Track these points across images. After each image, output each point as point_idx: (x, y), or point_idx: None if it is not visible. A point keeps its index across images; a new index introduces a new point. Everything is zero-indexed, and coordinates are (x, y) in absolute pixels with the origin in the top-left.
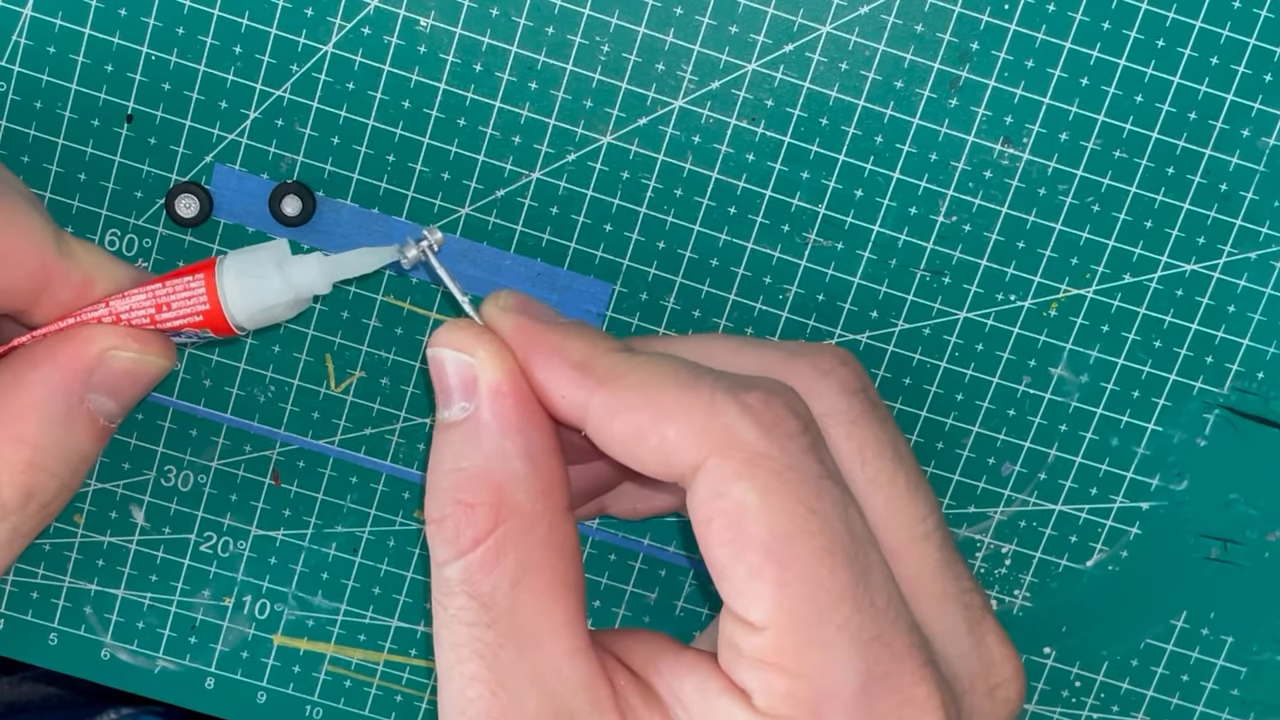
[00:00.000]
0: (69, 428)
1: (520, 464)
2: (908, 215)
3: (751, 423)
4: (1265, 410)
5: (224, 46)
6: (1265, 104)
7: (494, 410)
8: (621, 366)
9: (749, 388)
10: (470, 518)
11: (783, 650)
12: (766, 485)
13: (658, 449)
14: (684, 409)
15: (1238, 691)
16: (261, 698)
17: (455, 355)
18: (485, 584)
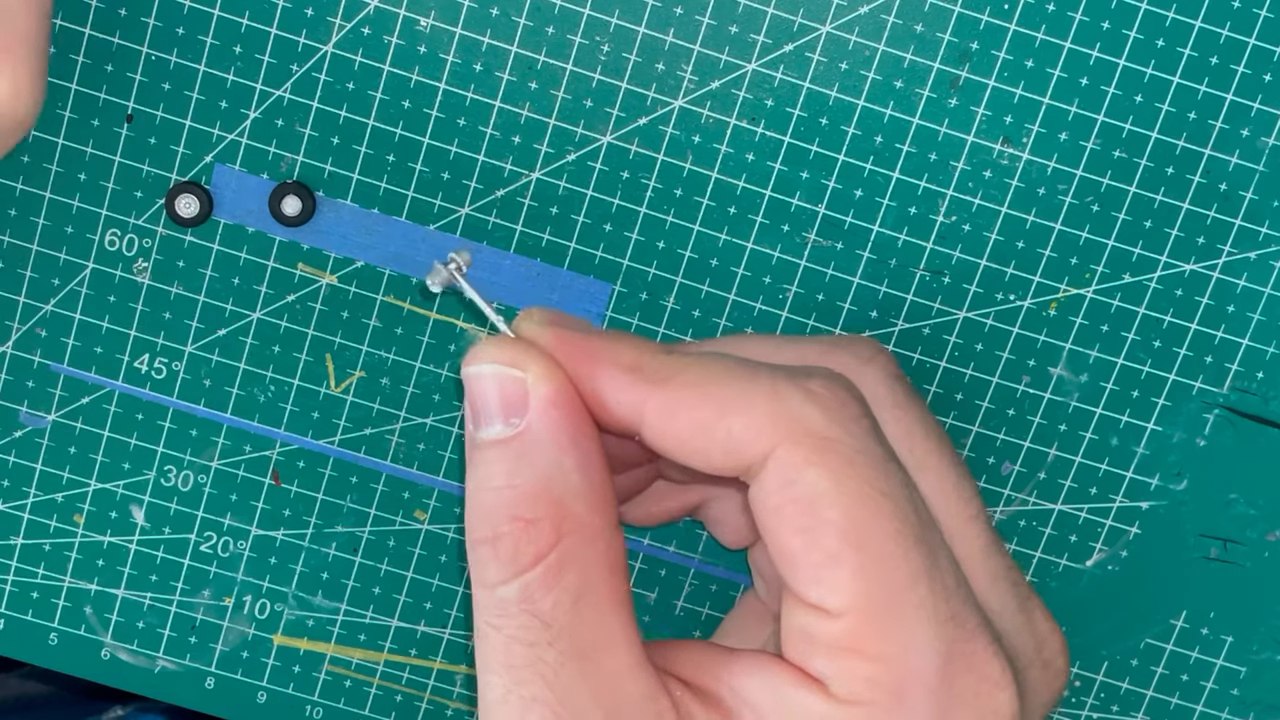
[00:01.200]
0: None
1: (578, 477)
2: (907, 215)
3: (818, 408)
4: (1265, 410)
5: (224, 46)
6: (1265, 104)
7: (548, 423)
8: (673, 365)
9: (808, 375)
10: (530, 534)
11: (862, 635)
12: (838, 470)
13: (724, 442)
14: (748, 400)
15: (1237, 691)
16: (261, 698)
17: (502, 370)
18: (546, 601)
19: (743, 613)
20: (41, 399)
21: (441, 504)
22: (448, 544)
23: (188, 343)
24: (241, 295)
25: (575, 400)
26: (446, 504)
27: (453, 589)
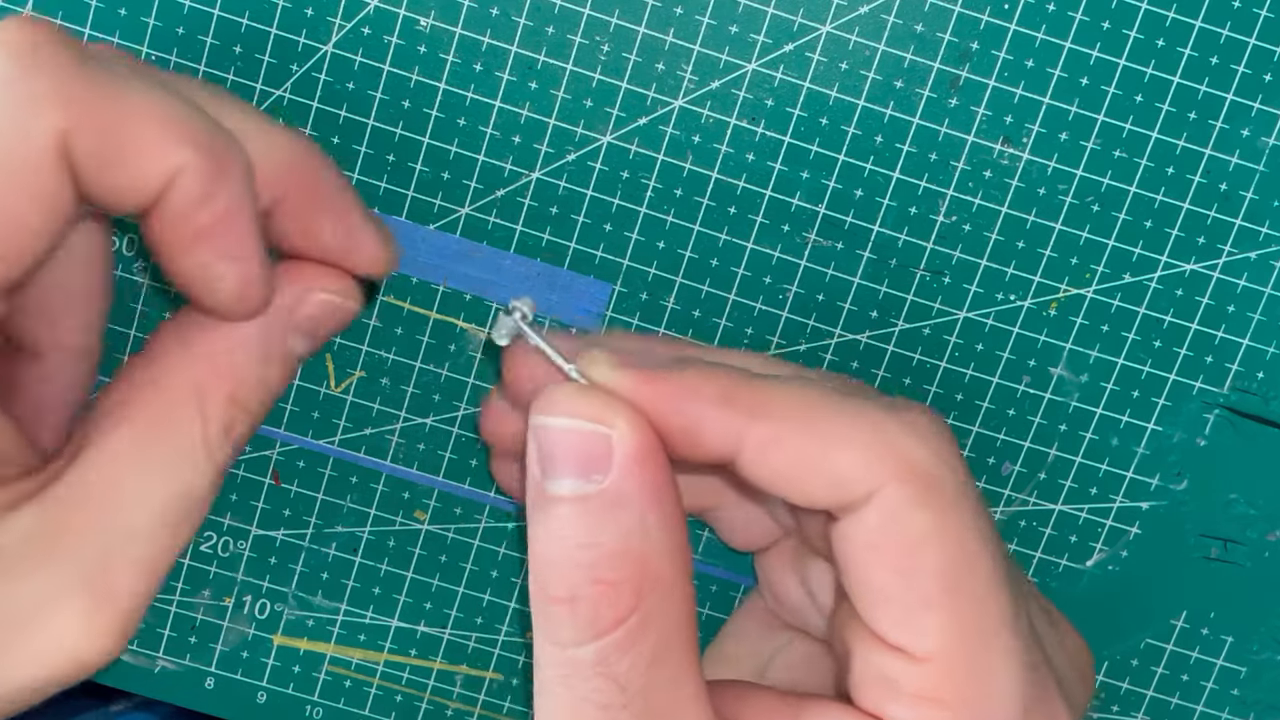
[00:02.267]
0: (267, 364)
1: (662, 535)
2: (908, 215)
3: (924, 445)
4: (1265, 410)
5: (224, 46)
6: (1265, 104)
7: (635, 482)
8: (768, 395)
9: (905, 407)
10: (612, 597)
11: (947, 683)
12: (943, 512)
13: (829, 476)
14: (853, 434)
15: (1238, 691)
16: (261, 698)
17: (584, 426)
18: (622, 664)
19: (746, 618)
20: None
21: (441, 504)
22: (448, 544)
23: None
24: None
25: (660, 453)
26: (446, 504)
27: (453, 589)
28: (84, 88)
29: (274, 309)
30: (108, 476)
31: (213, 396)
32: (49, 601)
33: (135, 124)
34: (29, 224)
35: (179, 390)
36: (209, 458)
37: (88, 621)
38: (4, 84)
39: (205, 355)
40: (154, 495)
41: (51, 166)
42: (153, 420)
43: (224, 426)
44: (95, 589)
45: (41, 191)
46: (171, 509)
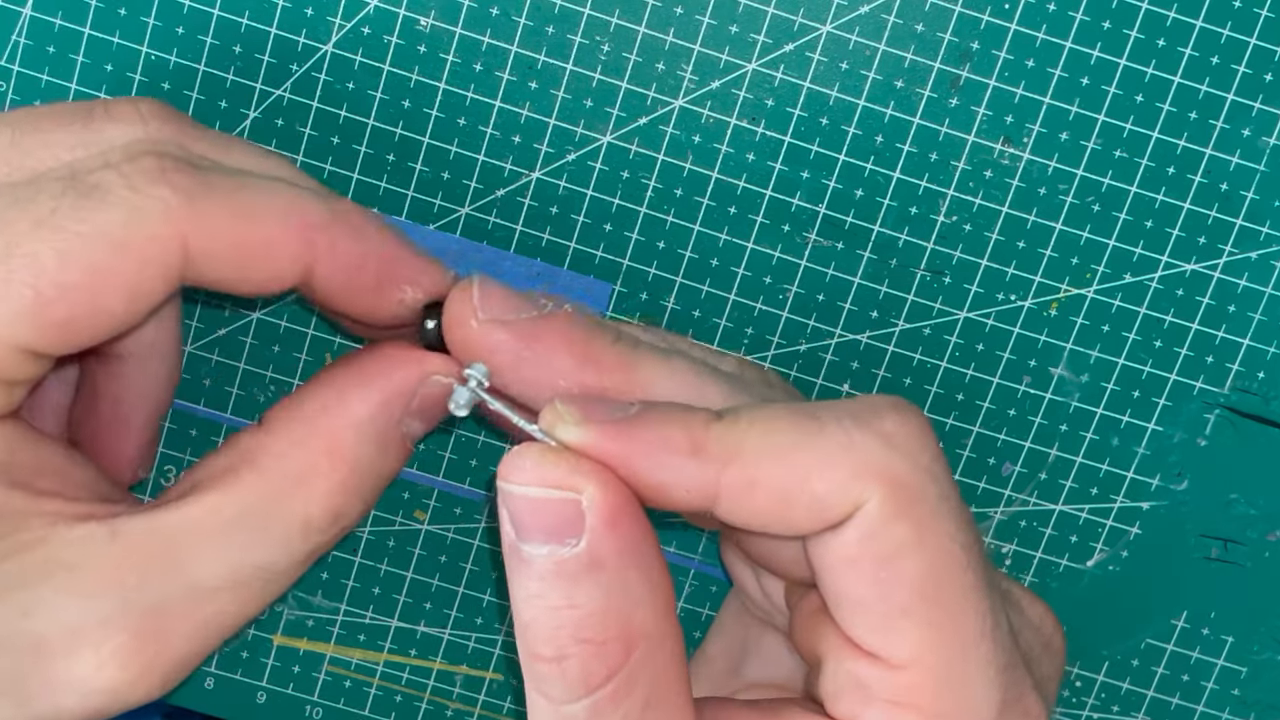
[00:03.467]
0: (383, 450)
1: (643, 590)
2: (908, 215)
3: (899, 455)
4: (1266, 410)
5: (224, 46)
6: (1266, 103)
7: (612, 544)
8: (734, 435)
9: (874, 414)
10: (600, 654)
11: (923, 689)
12: (922, 523)
13: (808, 507)
14: (827, 458)
15: (1238, 691)
16: (261, 698)
17: (552, 494)
18: (615, 715)
19: (724, 613)
20: None
21: (441, 504)
22: (447, 544)
23: (188, 343)
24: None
25: (634, 508)
26: (446, 504)
27: (452, 589)
28: (207, 205)
29: (394, 393)
30: (192, 531)
31: (323, 483)
32: (90, 629)
33: (260, 227)
34: (112, 310)
35: (289, 468)
36: (305, 541)
37: (124, 660)
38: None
39: (321, 435)
40: (233, 562)
41: (155, 267)
42: (258, 493)
43: (330, 513)
44: (143, 632)
45: (137, 287)
46: (248, 580)
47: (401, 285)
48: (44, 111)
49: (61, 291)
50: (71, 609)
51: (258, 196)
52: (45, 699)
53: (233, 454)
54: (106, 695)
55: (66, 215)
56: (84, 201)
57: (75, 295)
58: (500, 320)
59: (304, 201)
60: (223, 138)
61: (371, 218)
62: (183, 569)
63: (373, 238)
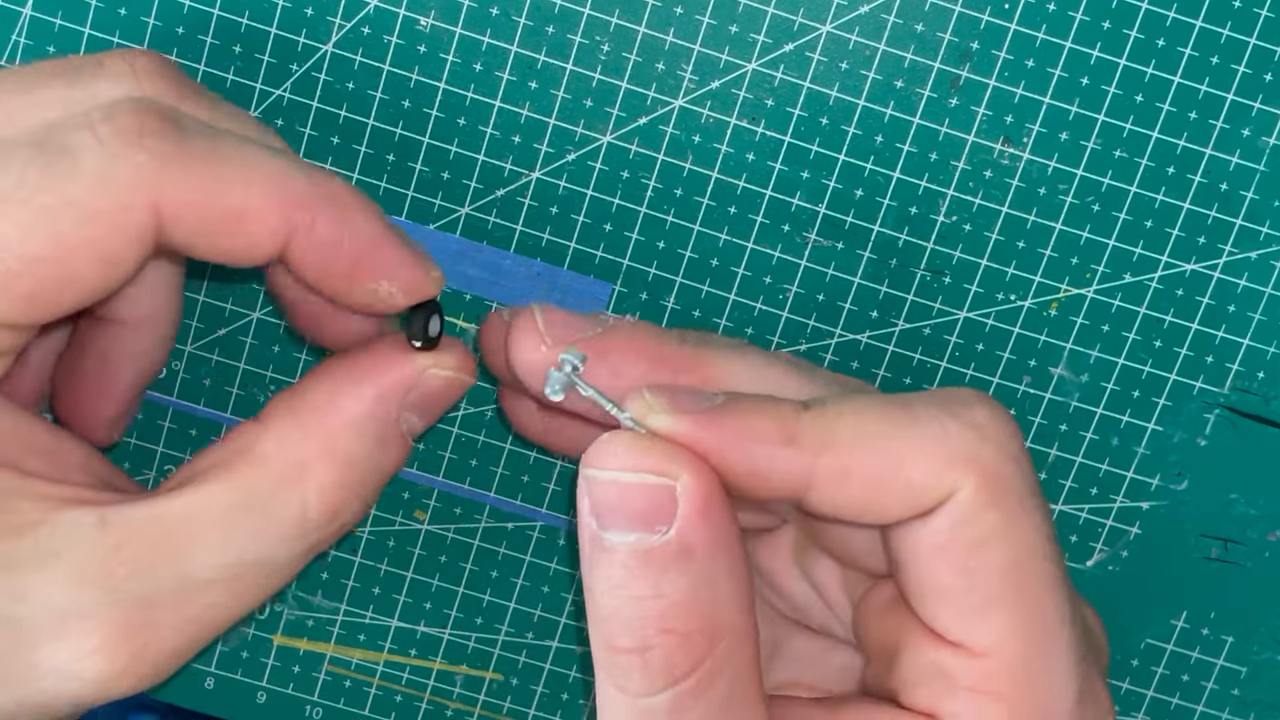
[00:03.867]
0: (382, 446)
1: (729, 583)
2: (908, 215)
3: (991, 446)
4: (1265, 410)
5: (224, 46)
6: (1266, 103)
7: (703, 533)
8: (827, 424)
9: (965, 405)
10: (685, 646)
11: (1007, 675)
12: (1012, 511)
13: (903, 494)
14: (920, 448)
15: (1238, 691)
16: (261, 698)
17: (646, 479)
18: (696, 710)
19: None
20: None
21: (441, 504)
22: (447, 544)
23: (188, 343)
24: (241, 295)
25: (724, 500)
26: (446, 504)
27: (452, 589)
28: (183, 172)
29: (390, 388)
30: (186, 521)
31: (320, 479)
32: (78, 617)
33: (238, 197)
34: (84, 279)
35: (286, 464)
36: (303, 537)
37: (112, 651)
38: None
39: (317, 431)
40: (227, 555)
41: (126, 235)
42: (254, 487)
43: (329, 509)
44: (131, 623)
45: (109, 255)
46: (243, 575)
47: (378, 277)
48: (31, 71)
49: (26, 264)
50: (60, 596)
51: (238, 165)
52: (30, 684)
53: (230, 447)
54: (93, 684)
55: (33, 184)
56: (53, 168)
57: (42, 268)
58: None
59: (286, 174)
60: (218, 101)
61: (359, 200)
62: (175, 560)
63: (355, 222)
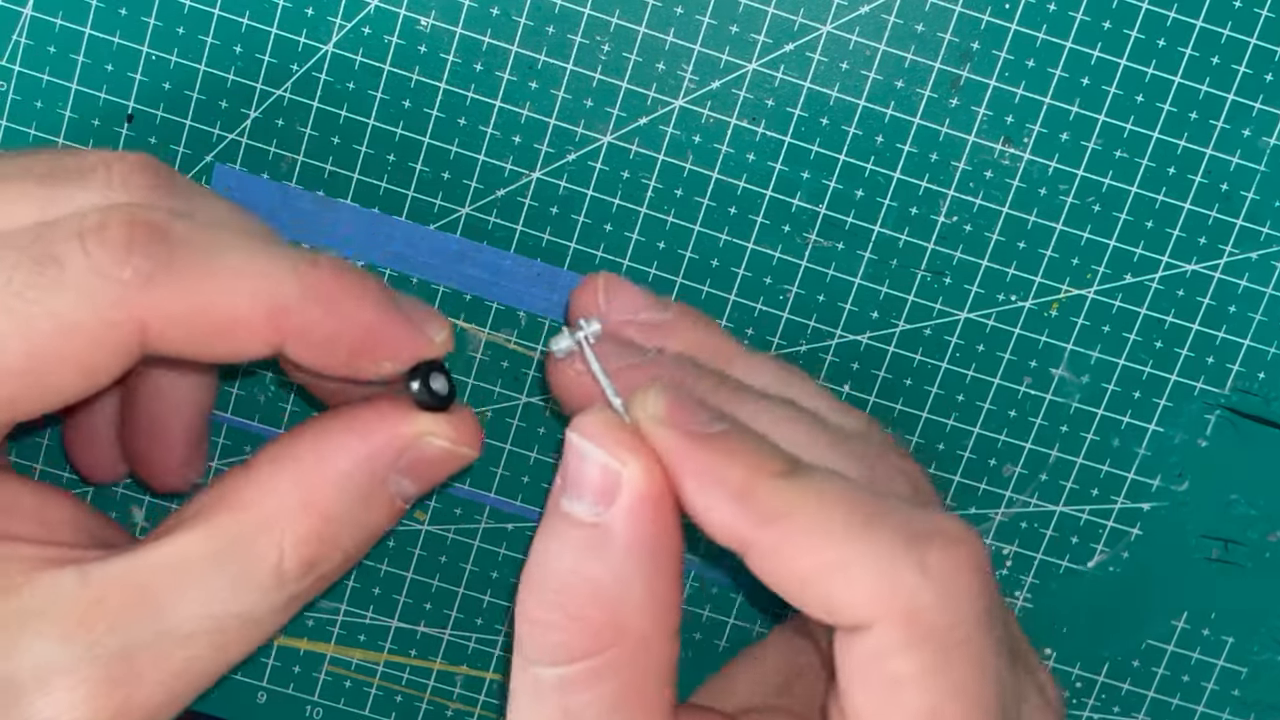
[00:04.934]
0: (365, 505)
1: (641, 589)
2: (908, 215)
3: (931, 591)
4: (1266, 411)
5: (224, 46)
6: (1266, 104)
7: (628, 529)
8: (786, 499)
9: (930, 538)
10: (577, 632)
11: None
12: (932, 662)
13: (823, 601)
14: (857, 565)
15: (1238, 692)
16: (261, 698)
17: (602, 455)
18: (579, 700)
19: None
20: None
21: (441, 504)
22: (448, 544)
23: None
24: None
25: (666, 510)
26: (446, 504)
27: (453, 590)
28: (169, 290)
29: (380, 449)
30: (164, 573)
31: (295, 530)
32: (58, 672)
33: (225, 310)
34: (63, 388)
35: (262, 513)
36: (280, 588)
37: (96, 706)
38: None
39: (298, 483)
40: (207, 607)
41: (107, 349)
42: (229, 536)
43: (305, 561)
44: (112, 676)
45: (89, 367)
46: (224, 628)
47: (378, 359)
48: (7, 165)
49: (5, 375)
50: (44, 653)
51: (224, 275)
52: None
53: (213, 493)
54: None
55: (16, 292)
56: (38, 278)
57: (21, 377)
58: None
59: (274, 278)
60: (200, 194)
61: (351, 286)
62: (155, 613)
63: (348, 313)
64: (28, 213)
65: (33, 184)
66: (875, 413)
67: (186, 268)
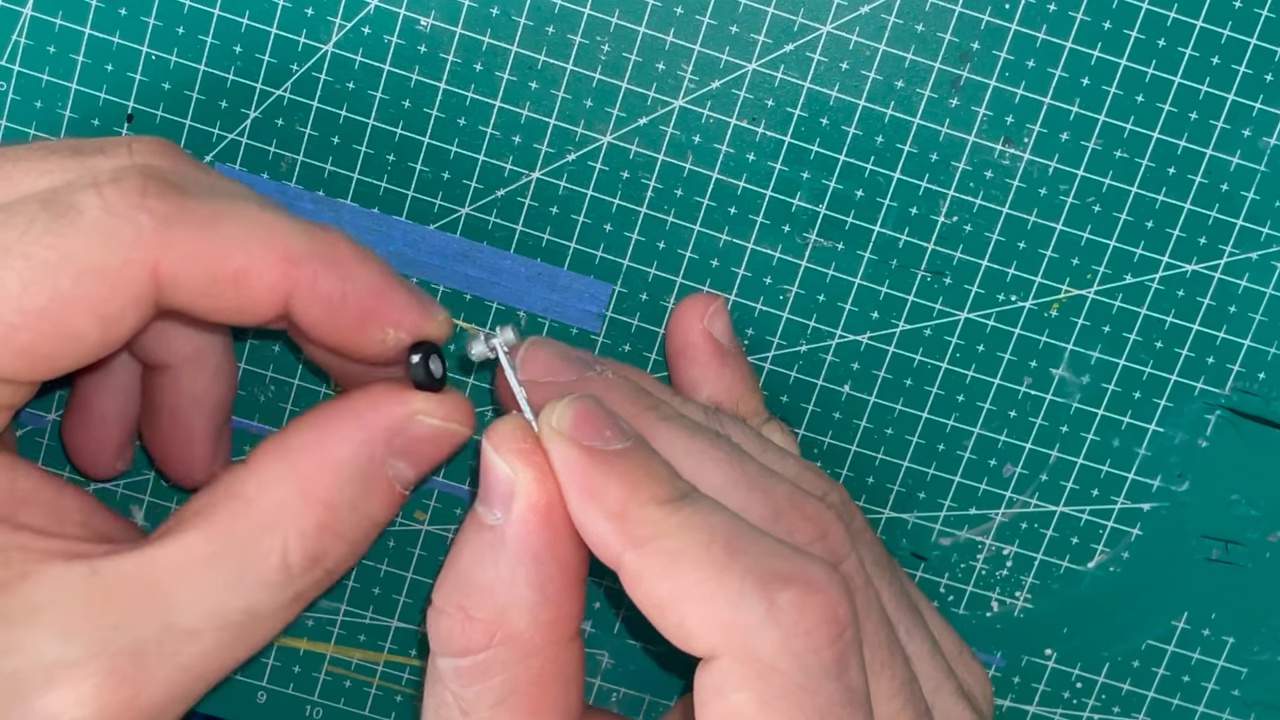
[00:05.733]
0: (365, 492)
1: (529, 593)
2: (908, 215)
3: (775, 632)
4: (1266, 411)
5: (224, 46)
6: (1266, 104)
7: (518, 535)
8: (655, 525)
9: (786, 583)
10: (466, 628)
11: None
12: (769, 702)
13: (677, 628)
14: (708, 598)
15: (1238, 692)
16: (261, 698)
17: (501, 463)
18: (469, 692)
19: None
20: (42, 398)
21: (441, 505)
22: (448, 544)
23: None
24: None
25: (555, 521)
26: (446, 505)
27: None
28: (184, 233)
29: (374, 431)
30: (171, 569)
31: (299, 521)
32: (68, 669)
33: (238, 256)
34: (81, 336)
35: (264, 508)
36: (286, 583)
37: (102, 702)
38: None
39: (297, 474)
40: (213, 603)
41: (125, 294)
42: (232, 533)
43: (310, 554)
44: (119, 673)
45: (107, 313)
46: (230, 624)
47: (384, 325)
48: (35, 146)
49: (25, 318)
50: (51, 648)
51: (237, 224)
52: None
53: (216, 490)
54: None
55: (35, 239)
56: (55, 224)
57: (40, 322)
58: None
59: (285, 231)
60: (215, 173)
61: (358, 251)
62: (162, 609)
63: (356, 274)
64: (51, 182)
65: (58, 157)
66: (875, 413)
67: (201, 215)
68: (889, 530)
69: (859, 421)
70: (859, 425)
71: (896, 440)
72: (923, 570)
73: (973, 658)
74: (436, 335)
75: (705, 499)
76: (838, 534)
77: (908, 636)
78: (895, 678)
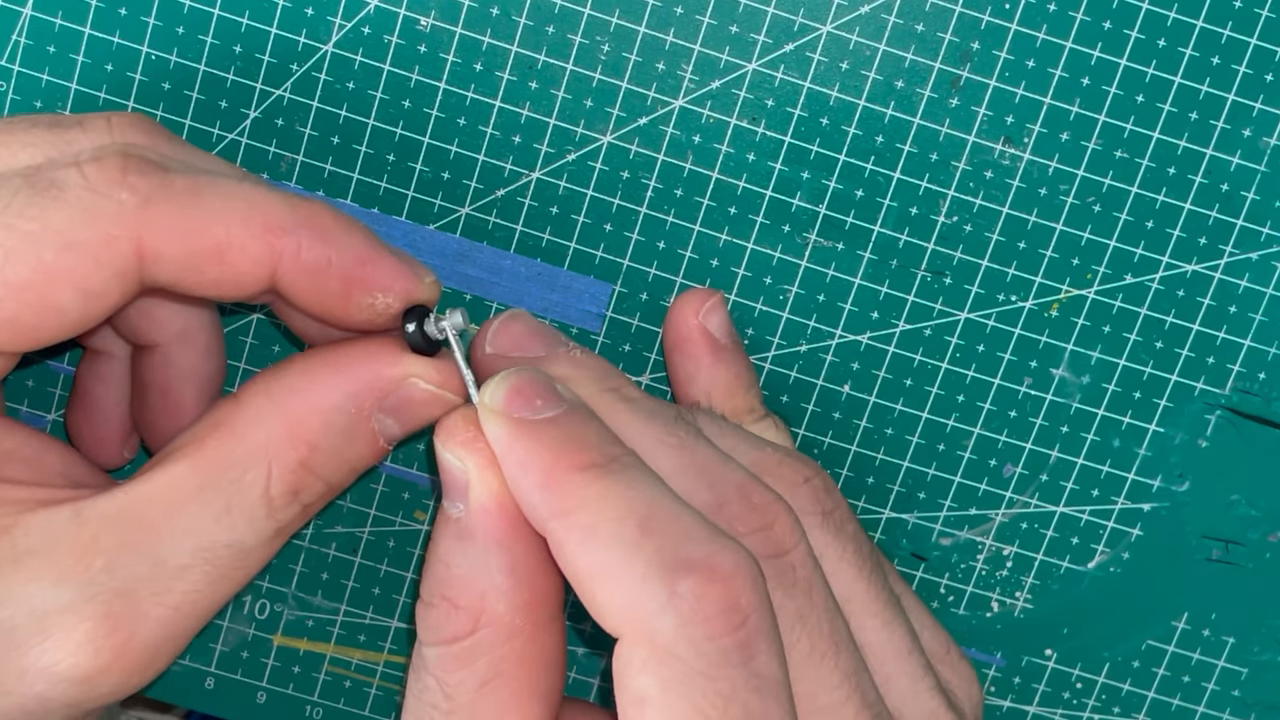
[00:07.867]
0: (349, 439)
1: (502, 578)
2: (908, 215)
3: (673, 618)
4: (1267, 411)
5: (224, 46)
6: (1266, 104)
7: (480, 525)
8: (579, 495)
9: (689, 570)
10: (450, 616)
11: None
12: (669, 685)
13: (590, 603)
14: (613, 578)
15: (1239, 692)
16: (261, 698)
17: (450, 458)
18: (453, 678)
19: None
20: (42, 398)
21: None
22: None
23: None
24: None
25: (510, 505)
26: None
27: None
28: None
29: (366, 386)
30: (157, 504)
31: (283, 457)
32: (59, 615)
33: (220, 229)
34: (64, 309)
35: (251, 441)
36: (269, 516)
37: (97, 646)
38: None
39: (285, 413)
40: (204, 538)
41: (108, 268)
42: (220, 464)
43: (290, 488)
44: (112, 615)
45: (90, 287)
46: (217, 559)
47: (371, 291)
48: (15, 120)
49: (8, 290)
50: (40, 595)
51: (219, 198)
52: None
53: (204, 424)
54: (80, 684)
55: (18, 212)
56: (38, 198)
57: (23, 294)
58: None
59: (267, 203)
60: (196, 150)
61: (341, 220)
62: (150, 546)
63: (340, 241)
64: (32, 157)
65: (38, 132)
66: (874, 413)
67: (181, 191)
68: (889, 530)
69: (859, 421)
70: (859, 425)
71: (896, 440)
72: (923, 571)
73: (961, 658)
74: (427, 298)
75: (634, 469)
76: (784, 526)
77: (885, 631)
78: (839, 668)
